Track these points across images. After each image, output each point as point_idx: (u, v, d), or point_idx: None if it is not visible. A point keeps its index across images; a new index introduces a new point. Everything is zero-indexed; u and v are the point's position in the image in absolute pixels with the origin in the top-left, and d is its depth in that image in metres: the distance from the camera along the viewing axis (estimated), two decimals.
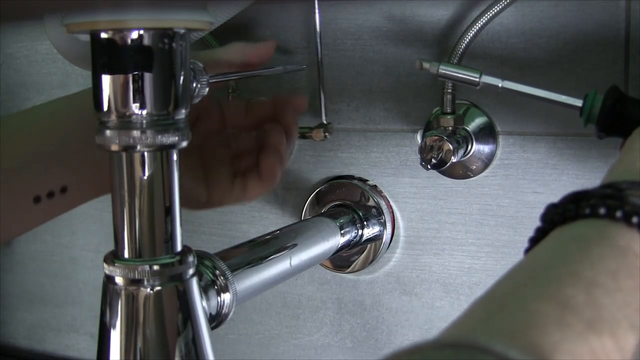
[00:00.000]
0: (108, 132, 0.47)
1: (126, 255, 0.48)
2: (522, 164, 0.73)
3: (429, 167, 0.69)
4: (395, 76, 0.77)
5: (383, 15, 0.76)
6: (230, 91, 0.82)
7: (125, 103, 0.46)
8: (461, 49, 0.68)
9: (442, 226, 0.78)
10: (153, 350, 0.48)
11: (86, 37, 0.48)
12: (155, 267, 0.48)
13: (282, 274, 0.64)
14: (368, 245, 0.79)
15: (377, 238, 0.79)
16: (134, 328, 0.48)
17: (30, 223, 0.60)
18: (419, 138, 0.77)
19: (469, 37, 0.68)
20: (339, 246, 0.74)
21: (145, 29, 0.45)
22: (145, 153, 0.47)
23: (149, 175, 0.47)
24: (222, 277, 0.56)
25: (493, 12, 0.67)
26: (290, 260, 0.65)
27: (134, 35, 0.45)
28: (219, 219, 0.88)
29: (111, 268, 0.48)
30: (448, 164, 0.69)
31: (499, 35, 0.72)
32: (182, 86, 0.48)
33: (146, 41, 0.46)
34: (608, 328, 0.30)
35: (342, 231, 0.74)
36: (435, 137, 0.68)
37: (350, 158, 0.81)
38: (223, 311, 0.56)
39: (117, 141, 0.46)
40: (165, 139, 0.47)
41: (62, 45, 0.65)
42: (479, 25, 0.68)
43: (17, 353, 1.04)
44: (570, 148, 0.71)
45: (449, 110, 0.71)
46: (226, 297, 0.55)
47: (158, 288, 0.48)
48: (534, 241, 0.39)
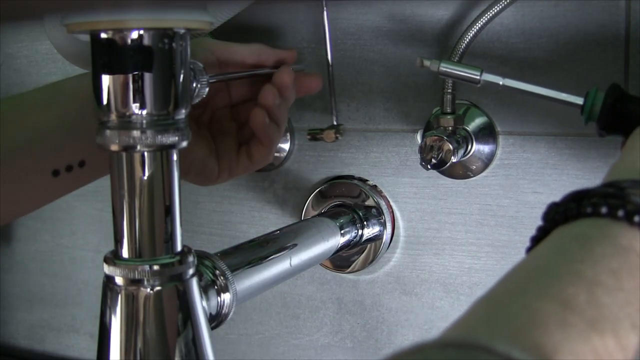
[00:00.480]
0: (108, 132, 0.47)
1: (126, 255, 0.48)
2: (522, 164, 0.73)
3: (429, 167, 0.69)
4: (395, 76, 0.77)
5: (383, 15, 0.76)
6: None
7: (125, 103, 0.46)
8: (461, 49, 0.68)
9: (442, 226, 0.77)
10: (153, 350, 0.48)
11: (86, 37, 0.48)
12: (155, 267, 0.48)
13: (282, 274, 0.64)
14: (368, 245, 0.79)
15: (377, 238, 0.79)
16: (134, 328, 0.48)
17: (50, 196, 0.61)
18: (419, 138, 0.77)
19: (469, 37, 0.68)
20: (339, 246, 0.74)
21: (145, 29, 0.45)
22: (145, 153, 0.47)
23: (149, 175, 0.47)
24: (222, 277, 0.55)
25: (493, 12, 0.67)
26: (290, 260, 0.65)
27: (134, 35, 0.45)
28: (219, 219, 0.88)
29: (111, 268, 0.48)
30: (448, 164, 0.69)
31: (499, 35, 0.72)
32: (182, 86, 0.48)
33: (146, 41, 0.46)
34: (610, 327, 0.30)
35: (342, 231, 0.74)
36: (435, 137, 0.68)
37: (350, 158, 0.81)
38: (223, 311, 0.55)
39: (117, 141, 0.46)
40: (165, 139, 0.47)
41: (62, 45, 0.65)
42: (479, 25, 0.68)
43: (17, 353, 1.03)
44: (570, 148, 0.71)
45: (449, 110, 0.71)
46: (226, 297, 0.55)
47: (158, 288, 0.48)
48: (536, 240, 0.39)
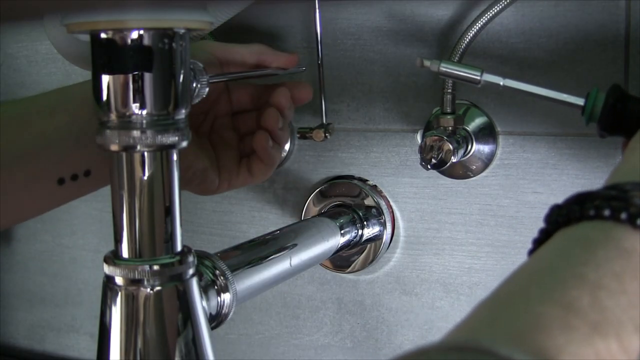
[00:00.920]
0: (108, 132, 0.47)
1: (126, 255, 0.48)
2: (522, 164, 0.73)
3: (429, 167, 0.69)
4: (395, 76, 0.77)
5: (383, 15, 0.76)
6: None
7: (125, 103, 0.46)
8: (461, 49, 0.68)
9: (442, 226, 0.77)
10: (153, 350, 0.48)
11: (86, 37, 0.48)
12: (155, 267, 0.48)
13: (282, 274, 0.64)
14: (368, 245, 0.79)
15: (377, 238, 0.79)
16: (134, 328, 0.48)
17: (53, 203, 0.61)
18: (419, 138, 0.77)
19: (469, 37, 0.68)
20: (339, 246, 0.74)
21: (145, 29, 0.45)
22: (145, 153, 0.47)
23: (149, 175, 0.47)
24: (222, 277, 0.55)
25: (493, 12, 0.67)
26: (290, 260, 0.65)
27: (134, 35, 0.45)
28: (219, 219, 0.88)
29: (111, 268, 0.48)
30: (448, 164, 0.69)
31: (499, 35, 0.72)
32: (182, 86, 0.48)
33: (146, 41, 0.46)
34: (613, 330, 0.30)
35: (342, 231, 0.74)
36: (435, 137, 0.68)
37: (350, 158, 0.81)
38: (223, 311, 0.55)
39: (117, 141, 0.46)
40: (165, 139, 0.47)
41: (62, 45, 0.65)
42: (479, 25, 0.68)
43: (17, 353, 1.03)
44: (570, 148, 0.71)
45: (449, 110, 0.70)
46: (226, 297, 0.55)
47: (158, 288, 0.48)
48: (538, 242, 0.39)
